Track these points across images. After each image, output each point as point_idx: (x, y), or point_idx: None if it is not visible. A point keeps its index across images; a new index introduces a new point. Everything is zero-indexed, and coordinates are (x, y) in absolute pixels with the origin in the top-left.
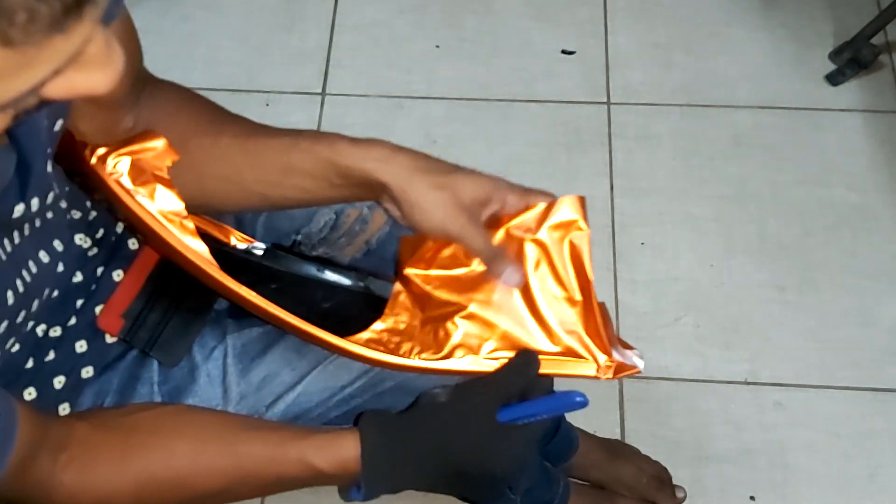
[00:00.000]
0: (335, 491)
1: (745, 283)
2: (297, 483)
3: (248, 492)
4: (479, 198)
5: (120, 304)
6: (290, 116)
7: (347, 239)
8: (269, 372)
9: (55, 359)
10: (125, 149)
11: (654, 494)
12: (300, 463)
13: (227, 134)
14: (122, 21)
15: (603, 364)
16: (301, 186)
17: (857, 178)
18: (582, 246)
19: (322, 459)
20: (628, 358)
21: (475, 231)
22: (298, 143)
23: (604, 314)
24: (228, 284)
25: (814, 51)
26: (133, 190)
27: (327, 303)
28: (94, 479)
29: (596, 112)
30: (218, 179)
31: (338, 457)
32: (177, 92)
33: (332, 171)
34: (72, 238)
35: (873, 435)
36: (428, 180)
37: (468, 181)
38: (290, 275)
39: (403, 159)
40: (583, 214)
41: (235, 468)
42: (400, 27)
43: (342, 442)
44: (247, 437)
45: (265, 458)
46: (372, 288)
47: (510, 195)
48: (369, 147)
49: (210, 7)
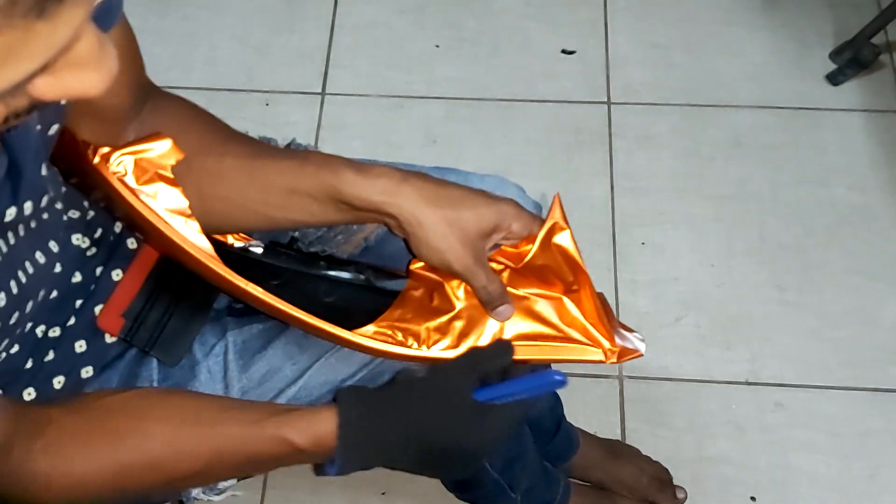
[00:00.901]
0: (335, 491)
1: (745, 283)
2: (275, 461)
3: (225, 472)
4: (485, 230)
5: (119, 303)
6: (290, 116)
7: (345, 237)
8: (270, 367)
9: (54, 359)
10: (128, 149)
11: (655, 495)
12: (277, 440)
13: (232, 154)
14: (122, 30)
15: (607, 349)
16: (305, 209)
17: (858, 178)
18: (565, 244)
19: (299, 435)
20: (630, 342)
21: (478, 270)
22: (304, 167)
23: (603, 302)
24: (235, 281)
25: (814, 50)
26: (137, 189)
27: (330, 297)
28: (70, 466)
29: (596, 112)
30: (221, 200)
31: (315, 432)
32: (182, 108)
33: (337, 197)
34: (69, 238)
35: (874, 435)
36: (435, 216)
37: (474, 216)
38: (290, 271)
39: (410, 191)
40: (561, 212)
41: (211, 449)
42: (400, 27)
43: (319, 417)
44: (222, 416)
45: (241, 437)
46: (372, 280)
47: (515, 223)
48: (375, 177)
49: (210, 7)
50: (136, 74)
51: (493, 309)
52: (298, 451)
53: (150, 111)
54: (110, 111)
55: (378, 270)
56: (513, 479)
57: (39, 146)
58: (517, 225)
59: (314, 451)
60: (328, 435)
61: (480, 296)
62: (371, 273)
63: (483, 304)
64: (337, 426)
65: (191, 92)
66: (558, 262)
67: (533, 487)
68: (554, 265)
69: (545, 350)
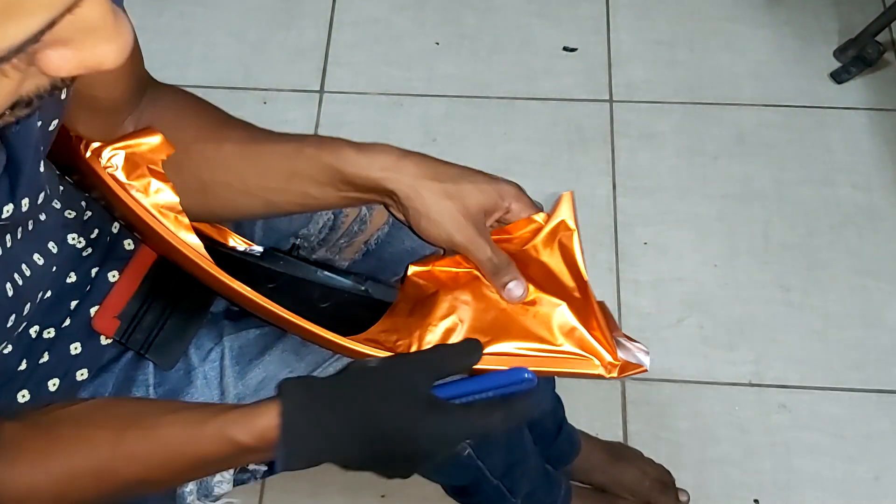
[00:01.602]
0: (335, 493)
1: (749, 284)
2: (223, 461)
3: (172, 477)
4: (485, 206)
5: (115, 305)
6: (288, 114)
7: (347, 240)
8: (266, 374)
9: (49, 361)
10: (120, 143)
11: (657, 498)
12: (219, 438)
13: (231, 140)
14: None
15: (608, 362)
16: (306, 192)
17: (863, 177)
18: (571, 245)
19: (241, 431)
20: (633, 355)
21: (481, 242)
22: (303, 150)
23: (604, 311)
24: (224, 280)
25: (818, 48)
26: (127, 184)
27: (325, 303)
28: (16, 478)
29: (598, 110)
30: (221, 186)
31: (257, 426)
32: (179, 97)
33: (338, 177)
34: (65, 238)
35: (879, 437)
36: (436, 189)
37: (475, 190)
38: (287, 275)
39: (410, 166)
40: (572, 213)
41: (155, 452)
42: (399, 24)
43: (261, 411)
44: (165, 419)
45: (184, 437)
46: (371, 291)
47: (515, 203)
48: (375, 154)
49: (207, 3)
50: (136, 67)
51: (502, 284)
52: (244, 449)
53: (147, 102)
54: (110, 103)
55: (378, 282)
56: (513, 485)
57: (39, 142)
58: (517, 205)
59: (259, 446)
60: (271, 428)
61: (486, 268)
62: (371, 285)
63: (490, 278)
64: (279, 419)
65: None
66: (559, 263)
67: (534, 491)
68: (555, 267)
69: (539, 361)
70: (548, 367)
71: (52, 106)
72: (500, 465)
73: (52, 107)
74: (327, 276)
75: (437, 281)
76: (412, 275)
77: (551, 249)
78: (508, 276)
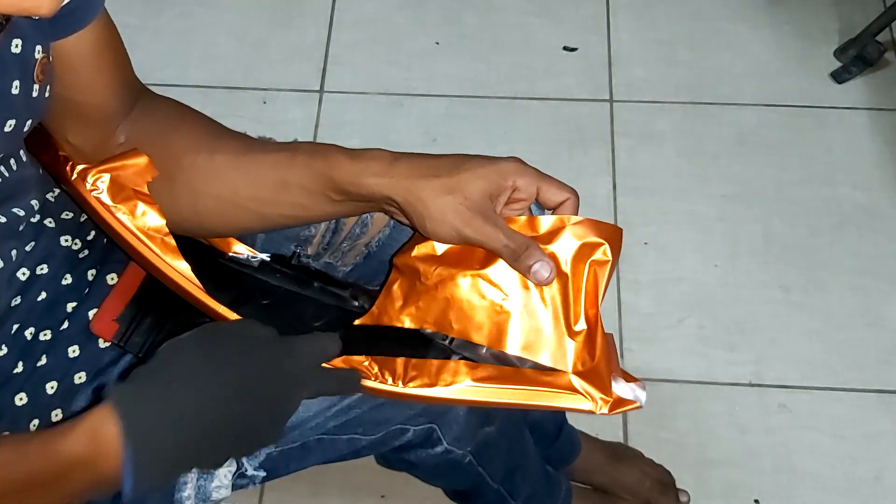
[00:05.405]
0: (334, 494)
1: (749, 284)
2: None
3: None
4: (488, 191)
5: (114, 308)
6: (288, 114)
7: (349, 243)
8: None
9: (47, 364)
10: (105, 165)
11: (658, 498)
12: (45, 454)
13: (223, 150)
14: (105, 28)
15: (599, 398)
16: (298, 203)
17: (863, 177)
18: (602, 275)
19: (70, 442)
20: (629, 392)
21: (491, 230)
22: (295, 158)
23: (608, 344)
24: (211, 305)
25: (819, 48)
26: (112, 206)
27: (318, 321)
28: None
29: (598, 110)
30: (213, 198)
31: (89, 430)
32: (172, 108)
33: (330, 186)
34: (58, 241)
35: (879, 437)
36: (433, 186)
37: (473, 177)
38: (282, 290)
39: (403, 168)
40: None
41: None
42: (399, 23)
43: (89, 415)
44: None
45: (9, 461)
46: (366, 308)
47: (520, 178)
48: (368, 160)
49: (206, 3)
50: (122, 74)
51: (527, 268)
52: (81, 461)
53: (140, 112)
54: (96, 112)
55: (373, 298)
56: (513, 488)
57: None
58: (522, 180)
59: (99, 451)
60: (107, 429)
61: (505, 255)
62: (367, 299)
63: (512, 265)
64: (114, 413)
65: (187, 90)
66: (579, 282)
67: (535, 493)
68: (574, 287)
69: (527, 395)
70: (530, 401)
71: (8, 103)
72: (500, 470)
73: (8, 104)
74: (323, 289)
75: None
76: (399, 261)
77: (581, 266)
78: (532, 258)
